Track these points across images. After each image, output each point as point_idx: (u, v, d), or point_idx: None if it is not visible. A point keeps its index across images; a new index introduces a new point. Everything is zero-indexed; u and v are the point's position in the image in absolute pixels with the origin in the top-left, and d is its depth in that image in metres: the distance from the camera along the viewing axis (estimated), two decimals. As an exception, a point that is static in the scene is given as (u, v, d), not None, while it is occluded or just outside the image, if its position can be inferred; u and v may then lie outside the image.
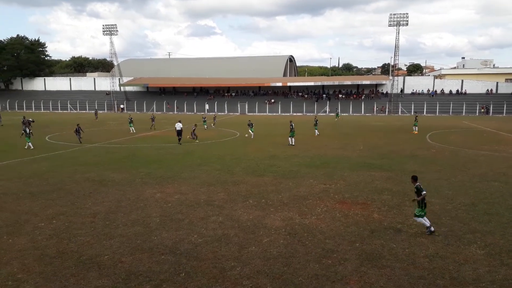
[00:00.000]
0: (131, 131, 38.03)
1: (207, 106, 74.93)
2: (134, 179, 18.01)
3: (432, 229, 11.04)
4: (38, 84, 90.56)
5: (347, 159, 23.12)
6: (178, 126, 30.20)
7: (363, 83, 77.79)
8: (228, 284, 8.29)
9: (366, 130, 41.18)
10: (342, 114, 63.22)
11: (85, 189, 16.33)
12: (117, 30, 77.34)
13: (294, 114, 68.99)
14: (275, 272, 8.80)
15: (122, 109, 76.75)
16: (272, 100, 75.93)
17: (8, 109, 79.43)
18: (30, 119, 39.66)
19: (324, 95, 77.37)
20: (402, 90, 71.78)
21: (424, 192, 10.84)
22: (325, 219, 12.42)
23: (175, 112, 73.11)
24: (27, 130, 28.41)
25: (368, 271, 8.86)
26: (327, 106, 71.27)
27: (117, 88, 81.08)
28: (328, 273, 8.78)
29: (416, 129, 37.91)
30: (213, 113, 58.85)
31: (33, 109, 78.77)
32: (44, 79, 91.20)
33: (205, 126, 42.58)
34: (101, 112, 72.41)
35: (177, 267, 9.12)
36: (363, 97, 75.20)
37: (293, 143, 28.56)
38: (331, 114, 67.37)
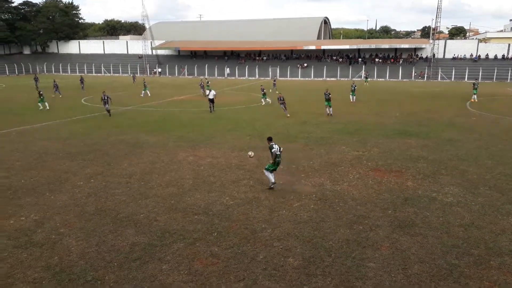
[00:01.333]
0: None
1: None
2: (168, 142, 18.36)
3: (272, 186, 11.86)
4: (73, 47, 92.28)
5: (382, 126, 22.56)
6: (211, 94, 28.71)
7: (401, 46, 74.27)
8: (259, 245, 8.46)
9: (403, 96, 39.80)
10: (379, 79, 61.19)
11: (120, 150, 16.83)
12: (148, -8, 76.75)
13: (328, 79, 67.43)
14: (305, 236, 8.88)
15: (155, 72, 77.48)
16: (305, 64, 74.30)
17: (45, 71, 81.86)
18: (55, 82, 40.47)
19: (360, 59, 74.86)
20: (434, 55, 67.89)
21: (274, 150, 11.77)
22: (357, 186, 12.30)
23: (206, 76, 73.14)
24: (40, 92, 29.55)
25: (400, 238, 8.79)
26: (362, 70, 69.09)
27: (149, 52, 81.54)
28: (359, 238, 8.77)
29: (476, 98, 34.57)
30: (274, 78, 56.02)
31: (69, 72, 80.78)
32: (79, 42, 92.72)
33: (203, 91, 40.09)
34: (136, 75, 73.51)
35: (209, 227, 9.37)
36: (400, 62, 72.23)
37: (331, 113, 26.46)
38: (368, 79, 65.48)
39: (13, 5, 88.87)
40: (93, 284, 7.08)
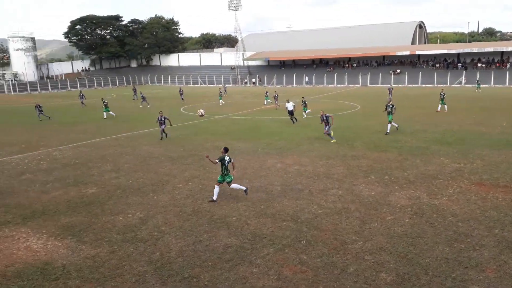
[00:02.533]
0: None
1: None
2: (257, 149, 18.90)
3: (214, 199, 11.78)
4: (172, 59, 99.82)
5: (486, 136, 20.57)
6: (290, 106, 27.30)
7: (509, 49, 67.05)
8: (349, 257, 8.28)
9: (510, 103, 35.83)
10: (482, 85, 55.85)
11: (215, 156, 17.71)
12: (241, 5, 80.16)
13: (423, 85, 63.47)
14: (399, 251, 8.46)
15: (246, 82, 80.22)
16: (398, 71, 70.87)
17: (149, 83, 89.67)
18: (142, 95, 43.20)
19: (460, 64, 69.17)
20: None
21: (217, 161, 11.81)
22: (458, 200, 11.38)
23: (294, 86, 73.64)
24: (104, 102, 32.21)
25: (509, 260, 7.92)
26: (462, 76, 63.71)
27: (241, 63, 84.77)
28: (460, 257, 8.10)
29: None
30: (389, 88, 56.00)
31: (169, 83, 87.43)
32: (178, 55, 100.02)
33: (265, 101, 39.79)
34: (228, 86, 76.99)
35: (298, 234, 9.43)
36: (508, 66, 65.13)
37: (388, 131, 22.49)
38: (468, 85, 60.21)
39: (123, 23, 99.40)
40: (190, 281, 7.57)
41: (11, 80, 76.18)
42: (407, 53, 71.56)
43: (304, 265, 7.99)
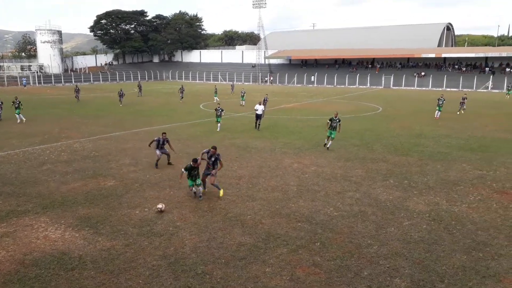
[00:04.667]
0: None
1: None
2: (274, 148, 18.85)
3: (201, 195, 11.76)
4: (194, 56, 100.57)
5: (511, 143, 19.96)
6: (259, 109, 24.36)
7: (540, 54, 64.84)
8: (364, 261, 8.16)
9: (539, 110, 34.68)
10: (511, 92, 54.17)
11: (232, 153, 17.79)
12: (265, 3, 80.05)
13: (448, 89, 62.08)
14: (415, 257, 8.30)
15: (266, 81, 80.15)
16: (422, 73, 69.52)
17: (170, 78, 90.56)
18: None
19: (487, 69, 67.35)
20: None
21: (183, 171, 11.68)
22: (478, 208, 11.08)
23: (315, 85, 73.18)
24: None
25: (530, 273, 7.67)
26: (490, 81, 62.01)
27: (262, 61, 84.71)
28: (478, 266, 7.89)
29: None
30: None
31: (190, 79, 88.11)
32: (200, 51, 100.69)
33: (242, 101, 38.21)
34: (246, 84, 77.03)
35: (312, 235, 9.36)
36: (538, 71, 63.05)
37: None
38: (494, 90, 58.59)
39: (147, 18, 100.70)
40: (203, 277, 7.60)
41: (37, 72, 78.21)
42: (433, 55, 70.17)
43: (318, 267, 7.92)
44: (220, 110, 24.04)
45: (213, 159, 11.96)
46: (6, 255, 8.46)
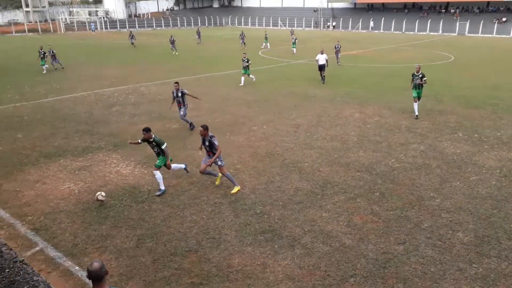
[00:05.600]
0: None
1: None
2: (335, 97, 18.38)
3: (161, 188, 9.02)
4: (254, 0, 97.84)
5: None
6: (322, 59, 21.83)
7: None
8: (425, 213, 8.00)
9: None
10: None
11: (291, 101, 17.65)
12: None
13: (532, 37, 55.56)
14: (481, 213, 7.97)
15: (328, 26, 76.71)
16: (504, 19, 62.47)
17: (230, 24, 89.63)
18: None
19: None
20: None
21: (140, 141, 9.17)
22: (558, 167, 10.22)
23: (381, 31, 68.83)
24: None
25: None
26: None
27: (325, 5, 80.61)
28: (552, 228, 7.42)
29: None
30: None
31: (249, 24, 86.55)
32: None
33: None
34: (307, 29, 74.39)
35: (372, 186, 9.26)
36: None
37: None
38: None
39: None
40: (261, 216, 7.92)
41: (103, 18, 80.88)
42: (518, -2, 62.31)
43: (376, 216, 7.91)
44: (246, 61, 21.21)
45: (206, 143, 9.03)
46: (84, 186, 9.34)
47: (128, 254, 6.75)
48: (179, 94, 13.34)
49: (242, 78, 21.37)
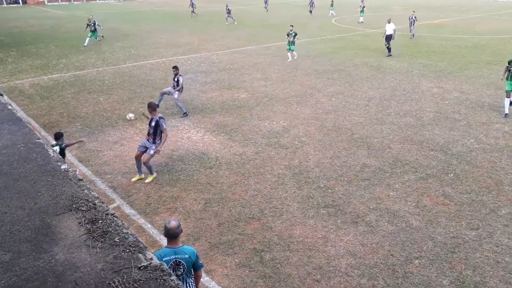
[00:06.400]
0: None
1: None
2: (412, 70, 17.31)
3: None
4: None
5: None
6: (389, 29, 20.43)
7: None
8: (503, 199, 7.42)
9: None
10: None
11: (363, 73, 16.95)
12: None
13: None
14: None
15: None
16: None
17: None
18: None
19: None
20: None
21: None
22: None
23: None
24: None
25: None
26: None
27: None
28: None
29: None
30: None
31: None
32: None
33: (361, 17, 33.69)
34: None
35: (446, 166, 8.73)
36: None
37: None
38: None
39: None
40: (325, 191, 7.88)
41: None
42: None
43: (448, 198, 7.49)
44: (293, 35, 19.11)
45: (153, 123, 8.18)
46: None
47: (196, 216, 7.13)
48: (175, 79, 12.17)
49: (289, 54, 19.56)
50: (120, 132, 11.08)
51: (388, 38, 20.40)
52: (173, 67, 12.34)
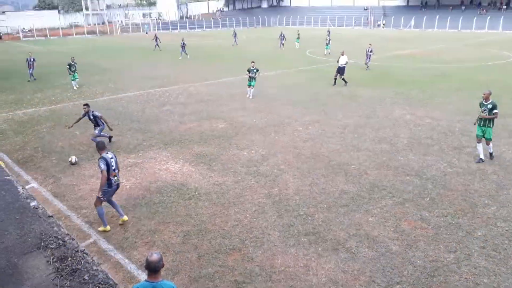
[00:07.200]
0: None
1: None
2: (385, 98, 17.87)
3: None
4: (303, 0, 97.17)
5: None
6: (342, 61, 20.75)
7: None
8: (478, 221, 7.59)
9: None
10: None
11: (337, 102, 17.39)
12: None
13: None
14: (543, 224, 7.43)
15: (378, 25, 74.59)
16: None
17: (278, 24, 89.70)
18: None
19: None
20: None
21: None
22: None
23: (435, 29, 65.83)
24: None
25: None
26: None
27: (376, 3, 78.51)
28: None
29: None
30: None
31: (297, 24, 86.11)
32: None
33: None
34: (357, 28, 72.86)
35: (422, 190, 8.92)
36: None
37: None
38: None
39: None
40: (305, 218, 7.88)
41: (156, 19, 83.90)
42: None
43: (425, 222, 7.62)
44: (255, 71, 18.08)
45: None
46: (136, 182, 9.76)
47: (175, 249, 6.98)
48: (91, 117, 11.97)
49: (249, 90, 18.54)
50: (96, 165, 10.87)
51: (341, 70, 20.73)
52: (84, 105, 11.78)
